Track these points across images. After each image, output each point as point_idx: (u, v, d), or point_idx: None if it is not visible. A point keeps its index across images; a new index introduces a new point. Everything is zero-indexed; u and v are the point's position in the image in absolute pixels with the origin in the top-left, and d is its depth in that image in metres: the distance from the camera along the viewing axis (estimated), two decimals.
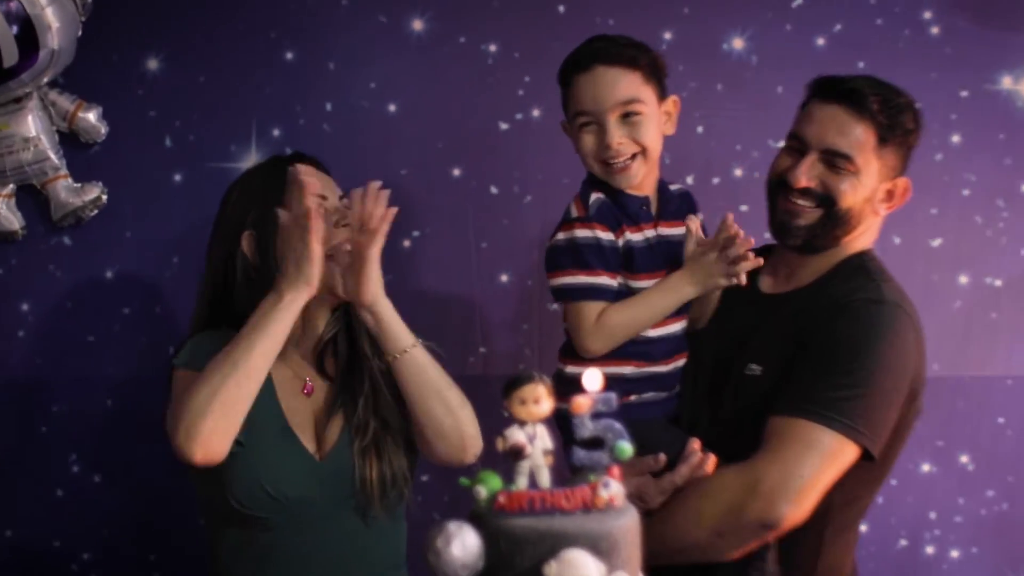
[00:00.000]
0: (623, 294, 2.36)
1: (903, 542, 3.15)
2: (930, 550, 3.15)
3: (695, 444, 2.28)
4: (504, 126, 3.07)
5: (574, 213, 2.37)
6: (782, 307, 2.36)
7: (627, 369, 2.35)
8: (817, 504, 2.20)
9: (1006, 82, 3.08)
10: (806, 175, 2.31)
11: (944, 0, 3.07)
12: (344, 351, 2.38)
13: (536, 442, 1.53)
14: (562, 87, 2.41)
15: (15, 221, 2.98)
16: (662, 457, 2.27)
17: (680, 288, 2.34)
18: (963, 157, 3.07)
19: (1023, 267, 3.12)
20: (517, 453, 1.52)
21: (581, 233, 2.34)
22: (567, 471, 1.57)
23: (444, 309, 3.07)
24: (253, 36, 3.02)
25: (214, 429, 2.09)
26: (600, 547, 1.45)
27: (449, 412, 2.25)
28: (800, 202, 2.33)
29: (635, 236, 2.36)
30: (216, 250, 2.35)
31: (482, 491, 1.51)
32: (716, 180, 3.00)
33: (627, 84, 2.32)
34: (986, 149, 3.08)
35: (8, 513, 3.08)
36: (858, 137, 2.29)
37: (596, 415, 1.54)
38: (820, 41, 3.07)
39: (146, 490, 2.99)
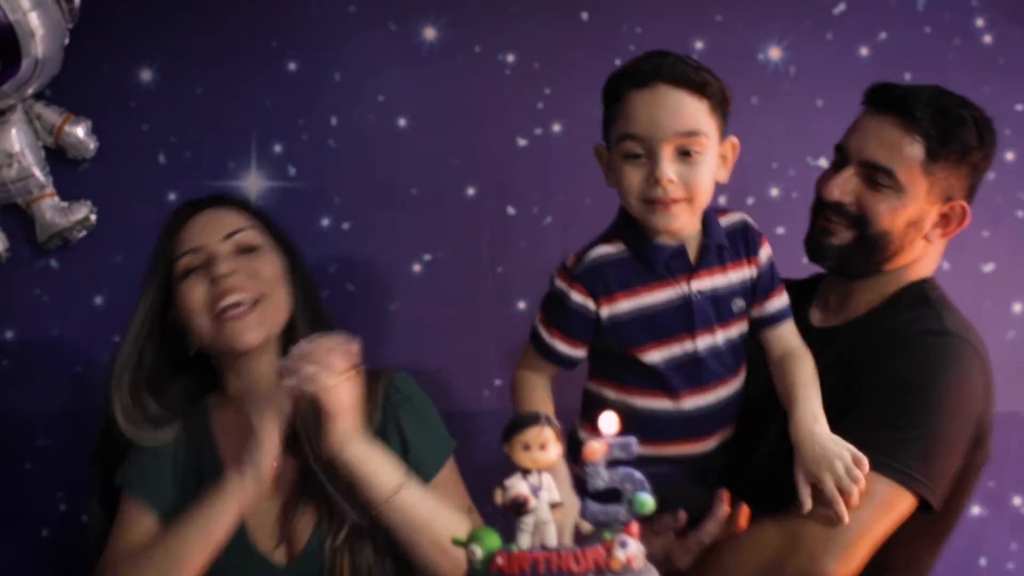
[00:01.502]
0: (628, 363, 2.13)
1: None
2: None
3: (724, 496, 2.14)
4: (522, 142, 3.05)
5: (568, 260, 2.18)
6: (832, 342, 2.26)
7: (650, 450, 2.06)
8: (870, 562, 2.10)
9: None
10: (839, 188, 2.23)
11: (998, 7, 3.05)
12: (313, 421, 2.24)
13: (542, 494, 1.46)
14: (607, 104, 2.14)
15: None
16: (682, 515, 2.14)
17: None
18: (1018, 176, 3.07)
19: None
20: (519, 507, 1.44)
21: (558, 285, 2.16)
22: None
23: (456, 338, 3.04)
24: (253, 45, 3.01)
25: None
26: None
27: (444, 552, 2.05)
28: (833, 219, 2.24)
29: (642, 301, 2.12)
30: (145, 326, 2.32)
31: (477, 551, 1.45)
32: (751, 200, 2.97)
33: (693, 112, 2.05)
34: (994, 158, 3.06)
35: None
36: (903, 150, 2.19)
37: (612, 463, 1.48)
38: (863, 51, 3.04)
39: None
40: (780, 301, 2.21)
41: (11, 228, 2.97)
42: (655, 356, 2.11)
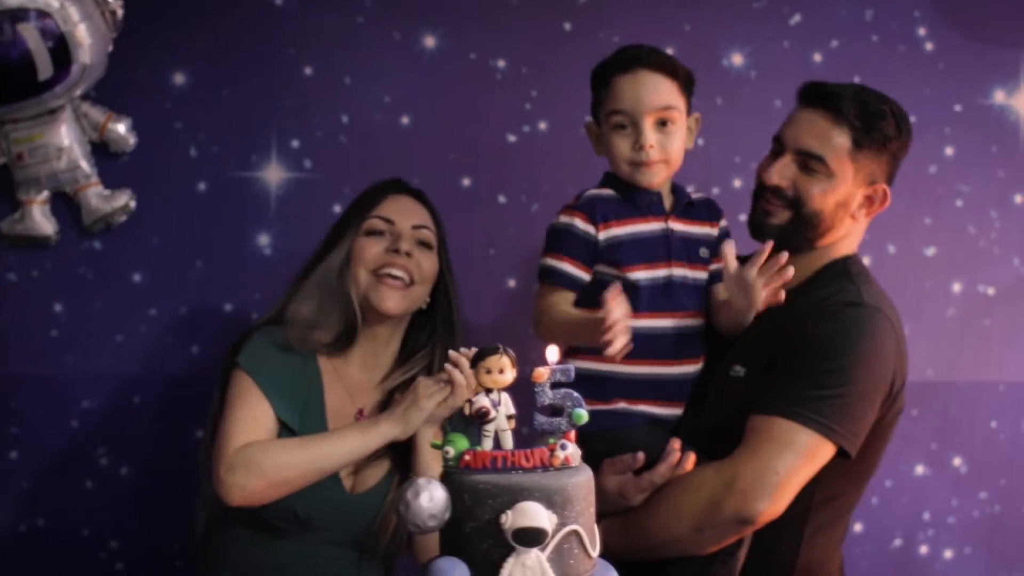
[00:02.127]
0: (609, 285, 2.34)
1: (898, 542, 3.22)
2: (924, 550, 3.22)
3: (675, 443, 2.31)
4: (512, 138, 3.15)
5: (568, 203, 2.44)
6: (766, 311, 2.38)
7: (620, 368, 2.33)
8: (796, 501, 2.26)
9: (998, 96, 3.17)
10: (778, 174, 2.39)
11: (938, 17, 3.16)
12: None
13: (500, 408, 1.69)
14: (596, 88, 2.44)
15: (49, 226, 3.04)
16: (640, 455, 2.31)
17: (590, 336, 2.23)
18: (956, 169, 3.15)
19: (1015, 276, 3.21)
20: (483, 416, 1.68)
21: (562, 219, 2.41)
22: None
23: None
24: (274, 52, 3.09)
25: (265, 496, 2.28)
26: (554, 501, 1.61)
27: None
28: (772, 201, 2.39)
29: (631, 228, 2.38)
30: (325, 263, 2.53)
31: (450, 451, 1.68)
32: (716, 190, 3.05)
33: (667, 91, 2.37)
34: (979, 161, 3.16)
35: (40, 503, 3.12)
36: (832, 140, 2.35)
37: (555, 384, 1.70)
38: (817, 57, 3.16)
39: (170, 482, 3.03)
40: None
41: (60, 213, 3.04)
42: (641, 275, 2.35)
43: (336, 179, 3.08)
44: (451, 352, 2.30)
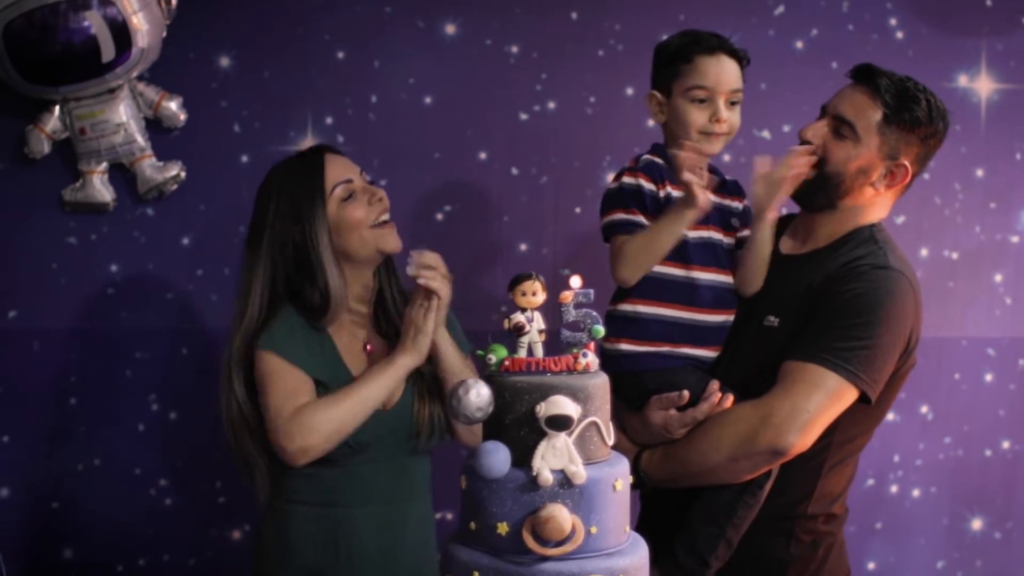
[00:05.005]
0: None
1: (870, 481, 3.44)
2: (894, 489, 3.45)
3: (715, 385, 2.50)
4: (524, 116, 3.33)
5: (626, 166, 2.58)
6: (799, 267, 2.54)
7: (668, 311, 2.52)
8: (819, 440, 2.43)
9: (962, 80, 3.40)
10: (811, 131, 2.55)
11: (908, 9, 3.37)
12: (395, 309, 2.64)
13: (533, 324, 1.95)
14: (676, 62, 2.56)
15: (107, 194, 3.24)
16: (685, 393, 2.49)
17: (675, 219, 2.45)
18: None
19: (976, 242, 3.42)
20: (519, 330, 1.94)
21: (627, 180, 2.54)
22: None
23: (471, 273, 3.31)
24: (310, 38, 3.27)
25: (323, 449, 2.47)
26: (578, 396, 1.89)
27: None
28: None
29: (680, 193, 2.49)
30: (270, 241, 2.56)
31: (492, 358, 1.94)
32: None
33: (739, 75, 2.56)
34: (944, 139, 3.25)
35: (97, 445, 3.32)
36: (864, 111, 2.48)
37: (578, 305, 1.95)
38: (798, 44, 3.36)
39: (214, 426, 2.98)
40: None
41: (117, 183, 3.24)
42: (691, 233, 2.53)
43: (366, 152, 3.22)
44: (418, 258, 2.45)
